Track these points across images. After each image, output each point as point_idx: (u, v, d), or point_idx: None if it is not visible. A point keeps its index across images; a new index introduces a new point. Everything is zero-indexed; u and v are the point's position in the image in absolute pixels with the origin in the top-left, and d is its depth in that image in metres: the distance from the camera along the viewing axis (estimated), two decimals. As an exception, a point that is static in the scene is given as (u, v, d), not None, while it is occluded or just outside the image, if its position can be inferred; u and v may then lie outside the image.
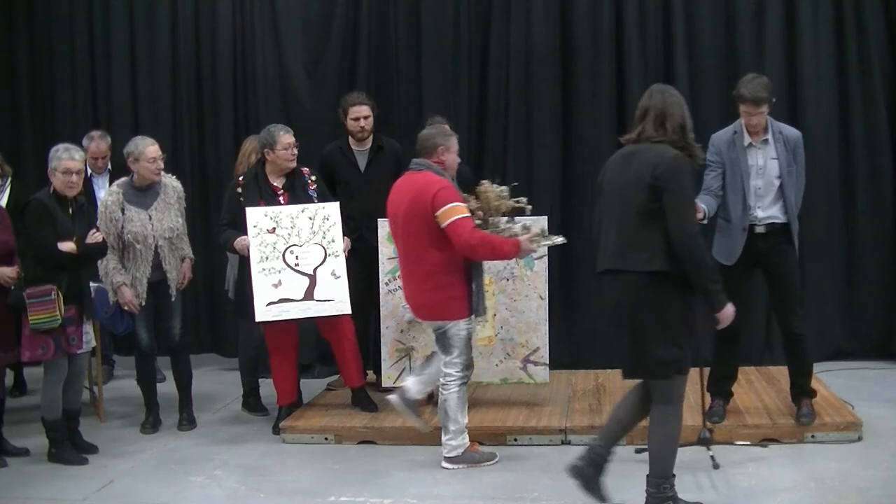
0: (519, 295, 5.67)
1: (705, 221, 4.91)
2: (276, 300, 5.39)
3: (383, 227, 5.56)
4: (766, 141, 5.00)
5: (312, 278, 5.47)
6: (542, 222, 5.29)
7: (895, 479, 4.43)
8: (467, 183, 5.80)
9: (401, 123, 6.92)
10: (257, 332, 5.86)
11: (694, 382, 6.09)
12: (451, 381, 4.86)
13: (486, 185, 4.98)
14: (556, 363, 6.31)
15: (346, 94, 6.30)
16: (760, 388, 5.84)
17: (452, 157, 4.98)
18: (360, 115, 6.07)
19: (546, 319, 5.71)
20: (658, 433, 3.98)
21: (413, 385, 5.01)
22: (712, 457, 4.65)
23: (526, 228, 4.94)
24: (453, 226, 4.67)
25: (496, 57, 7.02)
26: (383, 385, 5.73)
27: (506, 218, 4.97)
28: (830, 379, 5.87)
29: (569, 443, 5.19)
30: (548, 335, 5.73)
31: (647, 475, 4.02)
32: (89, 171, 6.60)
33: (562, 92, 6.91)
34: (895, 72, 6.66)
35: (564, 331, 6.83)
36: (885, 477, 4.47)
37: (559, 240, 5.07)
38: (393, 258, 5.54)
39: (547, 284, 5.70)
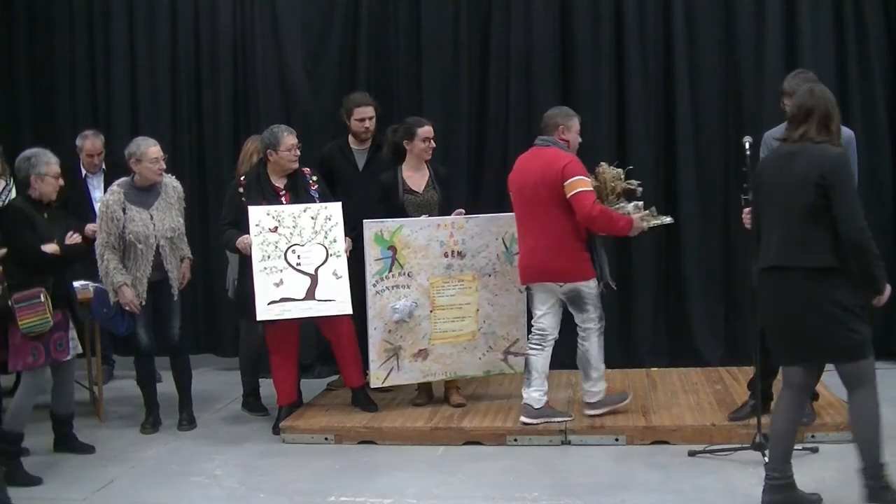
0: (500, 289, 5.74)
1: None
2: (277, 299, 5.38)
3: (369, 228, 5.55)
4: None
5: (314, 278, 5.46)
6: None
7: (895, 480, 4.42)
8: (444, 182, 5.84)
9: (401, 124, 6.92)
10: (257, 332, 5.87)
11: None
12: (590, 333, 5.29)
13: (605, 167, 5.34)
14: (556, 363, 6.30)
15: (350, 95, 6.28)
16: (760, 388, 5.83)
17: (574, 136, 5.34)
18: (366, 115, 6.08)
19: (525, 311, 5.77)
20: (859, 419, 4.00)
21: (532, 395, 5.28)
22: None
23: (638, 208, 5.27)
24: (578, 197, 5.07)
25: (496, 57, 7.03)
26: (371, 386, 5.71)
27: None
28: (831, 379, 5.84)
29: (569, 443, 5.19)
30: (526, 326, 5.76)
31: (861, 469, 3.97)
32: (84, 171, 6.60)
33: (562, 92, 6.90)
34: (895, 72, 6.66)
35: (564, 331, 6.81)
36: (886, 477, 4.47)
37: (667, 219, 5.36)
38: (380, 259, 5.55)
39: None
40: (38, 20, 7.78)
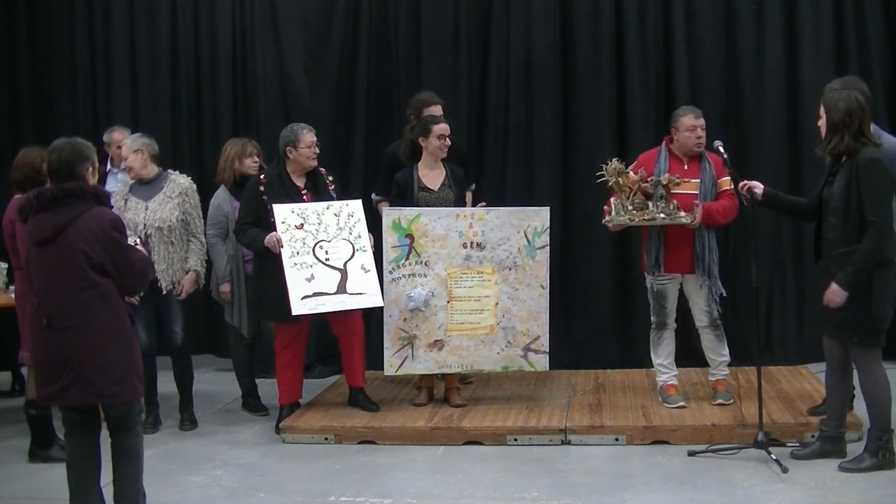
0: (521, 284, 5.67)
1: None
2: (310, 294, 5.40)
3: (387, 215, 5.56)
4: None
5: (343, 272, 5.50)
6: (544, 213, 5.66)
7: (895, 479, 4.44)
8: (459, 183, 5.84)
9: (401, 123, 6.91)
10: (243, 336, 5.93)
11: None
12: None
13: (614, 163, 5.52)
14: (556, 363, 6.30)
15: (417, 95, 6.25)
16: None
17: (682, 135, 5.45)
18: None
19: (547, 308, 5.72)
20: None
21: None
22: (777, 461, 4.56)
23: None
24: None
25: (496, 57, 7.03)
26: (385, 373, 5.69)
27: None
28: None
29: (569, 443, 5.19)
30: (548, 324, 5.74)
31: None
32: (109, 165, 6.59)
33: (562, 92, 6.92)
34: (895, 72, 6.66)
35: (565, 331, 6.83)
36: (885, 477, 4.47)
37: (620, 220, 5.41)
38: (397, 247, 5.54)
39: (548, 274, 5.71)
40: (39, 18, 7.79)
